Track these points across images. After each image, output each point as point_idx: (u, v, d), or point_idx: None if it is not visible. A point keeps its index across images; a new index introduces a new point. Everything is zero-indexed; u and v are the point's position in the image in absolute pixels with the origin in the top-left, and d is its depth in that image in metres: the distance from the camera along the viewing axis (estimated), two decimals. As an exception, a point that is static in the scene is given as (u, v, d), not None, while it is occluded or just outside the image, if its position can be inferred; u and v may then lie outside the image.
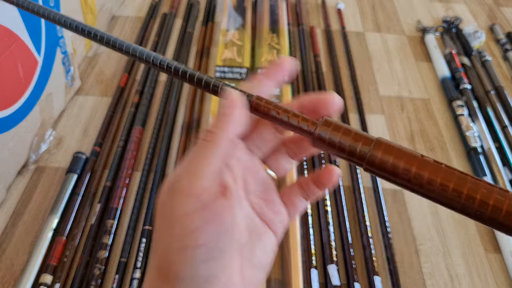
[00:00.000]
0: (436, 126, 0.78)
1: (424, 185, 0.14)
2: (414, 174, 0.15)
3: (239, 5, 0.90)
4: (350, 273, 0.54)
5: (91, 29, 0.20)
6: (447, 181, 0.14)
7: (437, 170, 0.14)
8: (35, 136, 0.64)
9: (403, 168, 0.15)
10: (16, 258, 0.54)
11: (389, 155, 0.15)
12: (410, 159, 0.15)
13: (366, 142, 0.15)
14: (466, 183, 0.14)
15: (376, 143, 0.15)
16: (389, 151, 0.15)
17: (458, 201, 0.14)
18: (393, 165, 0.15)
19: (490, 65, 0.90)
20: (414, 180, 0.15)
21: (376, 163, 0.15)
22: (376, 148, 0.15)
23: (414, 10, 1.08)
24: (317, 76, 0.84)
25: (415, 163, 0.15)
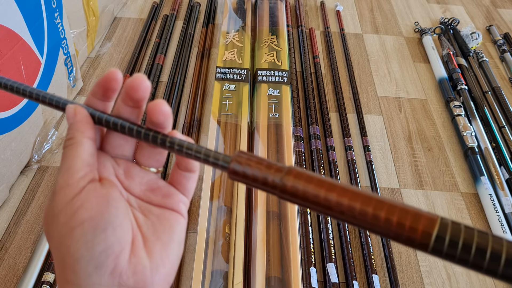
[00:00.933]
0: (434, 126, 0.78)
1: (333, 207, 0.15)
2: (323, 197, 0.15)
3: (239, 7, 0.91)
4: (348, 272, 0.54)
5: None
6: (353, 202, 0.15)
7: (344, 192, 0.15)
8: (38, 136, 0.65)
9: (313, 193, 0.15)
10: (18, 257, 0.54)
11: (299, 181, 0.16)
12: (319, 183, 0.16)
13: (278, 170, 0.16)
14: (371, 202, 0.15)
15: (288, 171, 0.16)
16: (299, 178, 0.16)
17: (365, 220, 0.15)
18: (303, 191, 0.15)
19: (487, 66, 0.90)
20: (323, 203, 0.15)
21: (288, 190, 0.16)
22: (287, 176, 0.16)
23: (411, 11, 1.10)
24: (316, 77, 0.85)
25: (324, 187, 0.15)
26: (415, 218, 0.14)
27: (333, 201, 0.15)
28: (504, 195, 0.64)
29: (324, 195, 0.15)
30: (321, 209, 0.15)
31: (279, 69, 0.76)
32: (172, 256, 0.19)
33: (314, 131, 0.72)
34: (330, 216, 0.15)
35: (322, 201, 0.15)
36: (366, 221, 0.15)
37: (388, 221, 0.14)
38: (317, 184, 0.15)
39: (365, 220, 0.15)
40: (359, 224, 0.15)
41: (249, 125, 0.67)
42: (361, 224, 0.15)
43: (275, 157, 0.61)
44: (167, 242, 0.19)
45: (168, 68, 0.84)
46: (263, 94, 0.71)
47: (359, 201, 0.15)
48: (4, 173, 0.58)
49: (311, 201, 0.15)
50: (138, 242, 0.18)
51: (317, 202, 0.15)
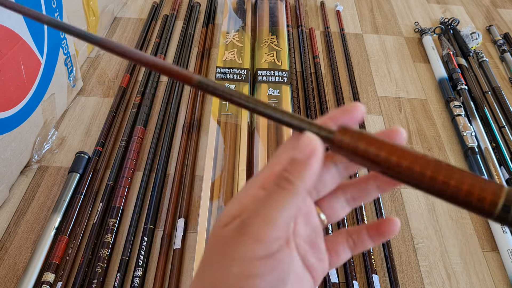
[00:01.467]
0: (434, 126, 0.78)
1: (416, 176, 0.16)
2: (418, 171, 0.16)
3: (239, 7, 0.91)
4: (348, 271, 0.54)
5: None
6: (424, 169, 0.16)
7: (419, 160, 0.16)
8: (38, 136, 0.65)
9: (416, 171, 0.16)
10: (18, 257, 0.54)
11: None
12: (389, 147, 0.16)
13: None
14: (441, 170, 0.16)
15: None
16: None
17: (434, 186, 0.16)
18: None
19: (487, 66, 0.90)
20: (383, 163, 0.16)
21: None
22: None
23: (411, 11, 1.09)
24: (316, 77, 0.85)
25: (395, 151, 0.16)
26: (482, 187, 0.15)
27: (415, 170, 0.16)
28: (504, 195, 0.64)
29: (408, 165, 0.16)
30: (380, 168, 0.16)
31: (279, 69, 0.76)
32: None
33: (314, 131, 0.72)
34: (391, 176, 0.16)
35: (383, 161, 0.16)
36: (434, 187, 0.15)
37: (457, 189, 0.15)
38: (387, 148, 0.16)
39: (433, 186, 0.15)
40: (430, 190, 0.16)
41: (249, 125, 0.67)
42: (431, 190, 0.16)
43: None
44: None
45: (168, 68, 0.84)
46: (263, 94, 0.71)
47: (430, 168, 0.15)
48: (4, 173, 0.58)
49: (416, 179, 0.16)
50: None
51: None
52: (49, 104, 0.67)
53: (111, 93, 0.78)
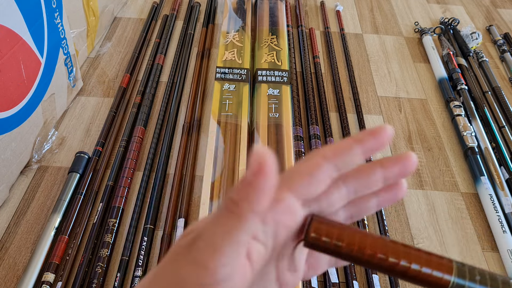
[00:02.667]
0: (434, 126, 0.79)
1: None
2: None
3: (239, 7, 0.91)
4: (348, 272, 0.54)
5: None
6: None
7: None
8: (38, 136, 0.65)
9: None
10: (18, 257, 0.54)
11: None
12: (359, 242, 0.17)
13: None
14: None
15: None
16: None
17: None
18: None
19: (487, 66, 0.90)
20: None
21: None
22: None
23: (411, 11, 1.10)
24: (316, 77, 0.85)
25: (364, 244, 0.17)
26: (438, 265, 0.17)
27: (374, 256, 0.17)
28: (504, 195, 0.64)
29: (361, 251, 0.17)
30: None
31: (279, 69, 0.76)
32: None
33: (314, 131, 0.72)
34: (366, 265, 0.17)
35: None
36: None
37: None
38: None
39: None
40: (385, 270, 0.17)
41: (249, 125, 0.67)
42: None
43: (275, 157, 0.61)
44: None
45: (168, 68, 0.84)
46: (263, 94, 0.71)
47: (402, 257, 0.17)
48: (4, 173, 0.58)
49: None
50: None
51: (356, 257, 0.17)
52: (49, 104, 0.67)
53: (111, 93, 0.78)
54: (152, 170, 0.65)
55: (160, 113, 0.73)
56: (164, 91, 0.78)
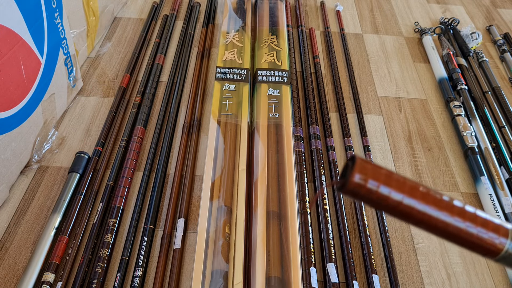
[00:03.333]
0: (434, 126, 0.79)
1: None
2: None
3: (239, 7, 0.91)
4: (348, 271, 0.54)
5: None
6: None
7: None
8: (38, 136, 0.65)
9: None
10: (18, 257, 0.54)
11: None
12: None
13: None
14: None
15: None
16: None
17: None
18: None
19: (487, 66, 0.90)
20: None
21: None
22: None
23: (411, 11, 1.10)
24: (316, 77, 0.85)
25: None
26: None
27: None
28: (504, 195, 0.64)
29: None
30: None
31: (279, 69, 0.76)
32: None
33: (314, 131, 0.72)
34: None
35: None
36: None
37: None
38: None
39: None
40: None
41: (249, 125, 0.67)
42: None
43: (275, 157, 0.61)
44: None
45: (168, 68, 0.84)
46: (263, 94, 0.71)
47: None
48: (4, 173, 0.58)
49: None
50: None
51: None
52: (49, 104, 0.67)
53: (111, 93, 0.78)
54: (152, 170, 0.65)
55: (160, 113, 0.73)
56: (164, 91, 0.78)
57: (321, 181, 0.64)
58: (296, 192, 0.57)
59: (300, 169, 0.64)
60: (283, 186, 0.57)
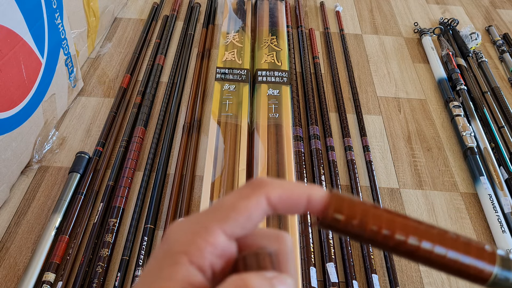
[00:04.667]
0: (433, 126, 0.79)
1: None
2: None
3: (239, 8, 0.92)
4: (348, 271, 0.55)
5: None
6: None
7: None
8: (39, 136, 0.65)
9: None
10: (19, 257, 0.54)
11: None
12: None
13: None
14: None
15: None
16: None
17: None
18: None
19: (487, 66, 0.91)
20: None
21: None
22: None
23: (411, 12, 1.10)
24: (315, 77, 0.85)
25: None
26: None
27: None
28: (504, 195, 0.65)
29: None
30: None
31: (279, 69, 0.76)
32: None
33: (314, 131, 0.72)
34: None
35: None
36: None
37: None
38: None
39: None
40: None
41: (249, 125, 0.67)
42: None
43: (275, 157, 0.61)
44: None
45: (168, 68, 0.85)
46: (263, 94, 0.71)
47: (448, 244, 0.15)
48: (5, 173, 0.58)
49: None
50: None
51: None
52: (50, 104, 0.67)
53: (112, 93, 0.79)
54: (152, 170, 0.65)
55: (160, 113, 0.74)
56: (164, 91, 0.79)
57: (321, 181, 0.64)
58: (296, 192, 0.57)
59: (300, 169, 0.64)
60: (283, 186, 0.57)
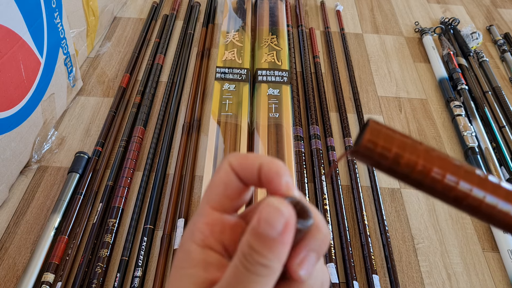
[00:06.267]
0: (434, 126, 0.78)
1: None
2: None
3: (239, 7, 0.91)
4: (348, 272, 0.54)
5: None
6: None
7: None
8: (38, 136, 0.65)
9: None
10: (18, 257, 0.54)
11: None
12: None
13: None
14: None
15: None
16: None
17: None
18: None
19: (488, 66, 0.90)
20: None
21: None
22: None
23: (412, 11, 1.09)
24: (316, 77, 0.85)
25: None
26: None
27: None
28: (505, 195, 0.64)
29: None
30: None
31: (279, 69, 0.76)
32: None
33: (314, 131, 0.72)
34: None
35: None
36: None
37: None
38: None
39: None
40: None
41: (249, 125, 0.67)
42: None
43: (275, 157, 0.61)
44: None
45: (168, 68, 0.84)
46: (263, 94, 0.71)
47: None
48: (4, 173, 0.58)
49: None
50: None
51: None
52: (49, 104, 0.67)
53: (111, 93, 0.78)
54: (152, 170, 0.65)
55: (160, 113, 0.73)
56: (164, 91, 0.78)
57: (321, 181, 0.64)
58: (296, 192, 0.57)
59: (300, 169, 0.64)
60: (283, 186, 0.57)
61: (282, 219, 0.13)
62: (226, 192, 0.16)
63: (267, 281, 0.13)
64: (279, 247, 0.13)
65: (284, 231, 0.13)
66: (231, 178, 0.16)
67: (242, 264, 0.13)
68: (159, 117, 0.72)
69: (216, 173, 0.16)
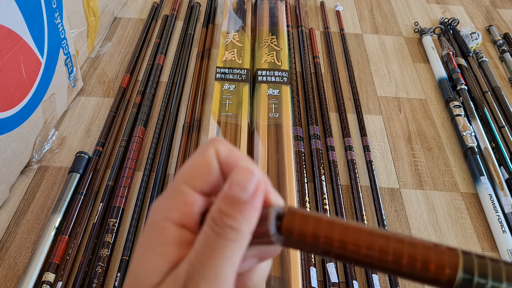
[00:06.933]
0: (433, 126, 0.79)
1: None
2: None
3: (239, 7, 0.91)
4: (348, 271, 0.55)
5: None
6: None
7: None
8: (38, 136, 0.65)
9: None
10: (19, 257, 0.54)
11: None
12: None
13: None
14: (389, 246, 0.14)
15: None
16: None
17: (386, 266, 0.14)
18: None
19: (487, 66, 0.91)
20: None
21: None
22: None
23: (411, 11, 1.10)
24: (316, 77, 0.85)
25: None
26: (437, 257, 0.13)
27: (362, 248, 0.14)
28: (504, 195, 0.65)
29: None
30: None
31: (279, 69, 0.76)
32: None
33: (314, 131, 0.72)
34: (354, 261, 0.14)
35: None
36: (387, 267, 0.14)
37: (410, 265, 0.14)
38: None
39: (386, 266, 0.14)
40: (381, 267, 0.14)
41: (249, 125, 0.67)
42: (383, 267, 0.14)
43: (275, 157, 0.61)
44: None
45: (168, 68, 0.85)
46: (263, 94, 0.71)
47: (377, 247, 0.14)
48: (5, 173, 0.58)
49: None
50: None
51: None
52: (49, 104, 0.67)
53: (111, 93, 0.78)
54: (152, 170, 0.65)
55: (160, 113, 0.73)
56: (164, 91, 0.79)
57: (321, 181, 0.64)
58: (296, 192, 0.57)
59: (300, 169, 0.64)
60: (283, 186, 0.57)
61: (254, 180, 0.13)
62: (209, 177, 0.15)
63: (236, 247, 0.13)
64: (250, 210, 0.13)
65: (255, 194, 0.13)
66: (215, 167, 0.15)
67: (212, 229, 0.13)
68: (159, 117, 0.73)
69: (199, 154, 0.15)
